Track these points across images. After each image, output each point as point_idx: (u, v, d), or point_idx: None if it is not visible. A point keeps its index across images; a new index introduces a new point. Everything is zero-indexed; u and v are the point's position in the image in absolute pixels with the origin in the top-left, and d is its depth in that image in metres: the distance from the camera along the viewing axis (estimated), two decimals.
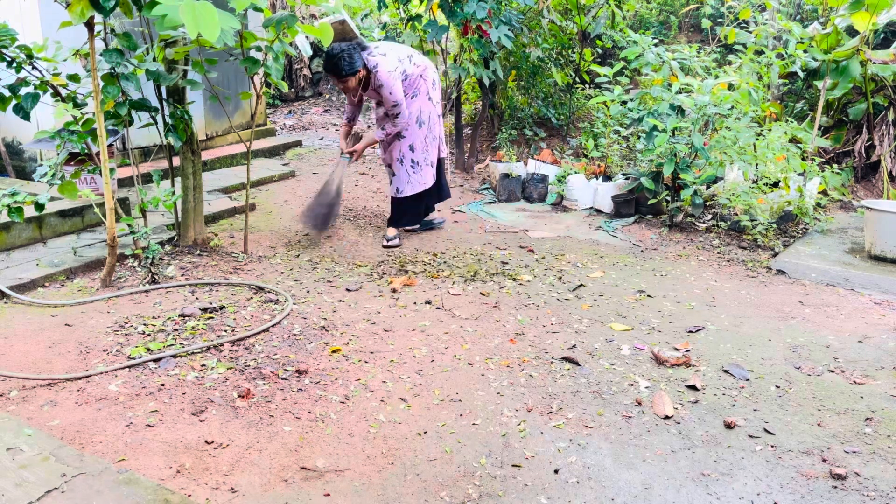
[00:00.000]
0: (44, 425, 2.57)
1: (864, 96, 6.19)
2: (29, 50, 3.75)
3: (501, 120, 7.93)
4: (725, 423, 2.71)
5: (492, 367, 3.13)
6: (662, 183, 5.49)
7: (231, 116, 7.30)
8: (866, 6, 5.68)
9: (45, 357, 3.11)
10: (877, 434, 2.66)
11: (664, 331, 3.57)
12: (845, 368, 3.18)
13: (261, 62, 4.05)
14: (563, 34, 7.57)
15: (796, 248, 4.79)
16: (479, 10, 5.72)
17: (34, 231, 4.43)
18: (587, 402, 2.86)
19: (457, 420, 2.71)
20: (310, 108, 10.56)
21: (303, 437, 2.57)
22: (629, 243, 5.08)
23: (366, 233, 5.16)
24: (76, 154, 4.45)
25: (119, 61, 3.66)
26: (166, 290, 3.92)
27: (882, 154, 6.09)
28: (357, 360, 3.16)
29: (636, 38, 5.86)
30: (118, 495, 2.07)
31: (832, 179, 5.81)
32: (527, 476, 2.39)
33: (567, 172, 6.07)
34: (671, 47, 6.60)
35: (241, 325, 3.51)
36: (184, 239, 4.53)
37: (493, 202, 6.19)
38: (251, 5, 3.63)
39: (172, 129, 4.13)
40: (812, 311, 3.87)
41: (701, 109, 5.10)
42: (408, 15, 6.56)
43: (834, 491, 2.33)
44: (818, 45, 6.25)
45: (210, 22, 2.80)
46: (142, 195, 4.14)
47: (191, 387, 2.89)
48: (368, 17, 11.02)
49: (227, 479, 2.32)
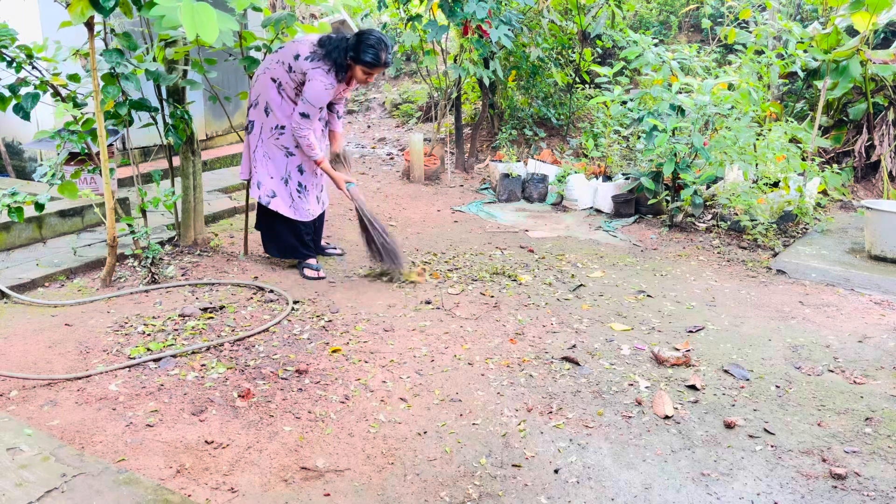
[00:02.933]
0: (44, 425, 2.57)
1: (864, 96, 6.19)
2: (29, 50, 3.75)
3: (501, 120, 7.93)
4: (725, 423, 2.71)
5: (492, 367, 3.13)
6: (662, 183, 5.49)
7: (231, 116, 7.29)
8: (866, 6, 5.68)
9: (45, 357, 3.11)
10: (877, 434, 2.66)
11: (664, 331, 3.56)
12: (845, 368, 3.18)
13: (260, 62, 4.05)
14: (563, 34, 7.57)
15: (796, 248, 4.78)
16: (479, 10, 5.72)
17: (34, 231, 4.42)
18: (587, 402, 2.86)
19: (457, 420, 2.71)
20: None
21: (303, 437, 2.57)
22: (629, 243, 5.08)
23: None
24: (76, 154, 4.45)
25: (119, 61, 3.66)
26: (166, 289, 3.92)
27: (882, 154, 6.09)
28: (357, 360, 3.16)
29: (636, 38, 5.86)
30: (118, 495, 2.07)
31: (832, 179, 5.81)
32: (527, 476, 2.39)
33: (567, 172, 6.07)
34: (671, 47, 6.61)
35: (241, 324, 3.51)
36: (184, 239, 4.53)
37: (493, 202, 6.19)
38: (250, 5, 3.64)
39: (172, 129, 4.13)
40: (812, 311, 3.87)
41: (701, 109, 5.10)
42: (408, 15, 6.57)
43: (834, 491, 2.33)
44: (818, 45, 6.25)
45: (208, 23, 2.81)
46: (142, 195, 4.14)
47: (191, 387, 2.89)
48: (368, 17, 11.01)
49: (227, 479, 2.32)
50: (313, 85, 3.82)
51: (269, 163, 4.10)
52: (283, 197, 4.12)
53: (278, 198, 4.12)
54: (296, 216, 4.16)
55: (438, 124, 7.27)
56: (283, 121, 4.00)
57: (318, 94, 3.84)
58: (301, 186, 4.14)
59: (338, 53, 3.81)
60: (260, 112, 4.04)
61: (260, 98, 4.02)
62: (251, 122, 4.11)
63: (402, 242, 4.92)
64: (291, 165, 4.10)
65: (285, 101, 3.96)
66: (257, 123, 4.07)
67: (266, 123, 4.04)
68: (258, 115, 4.06)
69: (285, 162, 4.09)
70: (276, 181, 4.11)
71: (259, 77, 4.02)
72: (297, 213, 4.16)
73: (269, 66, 3.98)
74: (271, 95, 3.96)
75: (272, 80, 3.95)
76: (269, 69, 3.97)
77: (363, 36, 3.82)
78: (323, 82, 3.82)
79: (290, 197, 4.13)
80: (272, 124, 4.02)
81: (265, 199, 4.12)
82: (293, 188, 4.13)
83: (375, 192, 6.31)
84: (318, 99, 3.85)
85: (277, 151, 4.08)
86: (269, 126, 4.03)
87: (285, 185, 4.12)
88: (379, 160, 7.68)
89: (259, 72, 4.04)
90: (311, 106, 3.87)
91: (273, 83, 3.95)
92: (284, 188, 4.12)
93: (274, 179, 4.11)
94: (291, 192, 4.13)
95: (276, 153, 4.08)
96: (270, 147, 4.08)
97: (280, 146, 4.06)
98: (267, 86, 3.97)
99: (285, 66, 3.91)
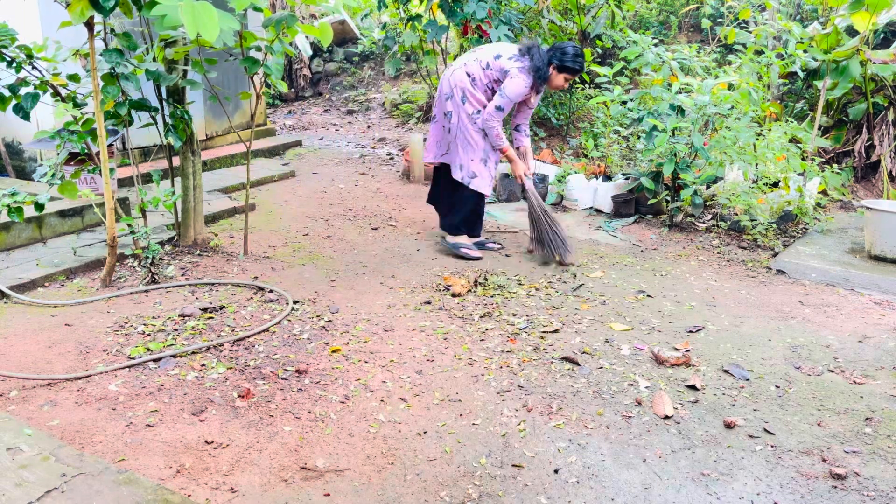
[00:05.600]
0: (44, 425, 2.57)
1: (864, 96, 6.19)
2: (29, 50, 3.75)
3: None
4: (725, 423, 2.71)
5: (492, 367, 3.13)
6: (662, 183, 5.49)
7: (231, 116, 7.30)
8: (866, 6, 5.68)
9: (45, 357, 3.11)
10: (877, 434, 2.66)
11: (664, 331, 3.57)
12: (845, 368, 3.18)
13: (260, 62, 4.05)
14: (563, 34, 7.57)
15: (796, 248, 4.78)
16: (479, 10, 5.72)
17: (34, 231, 4.42)
18: (587, 402, 2.86)
19: (457, 420, 2.71)
20: (310, 108, 10.56)
21: (303, 437, 2.57)
22: (629, 243, 5.08)
23: (365, 232, 5.16)
24: (76, 154, 4.45)
25: (119, 61, 3.66)
26: (166, 289, 3.92)
27: (882, 154, 6.09)
28: (357, 360, 3.16)
29: (636, 38, 5.86)
30: (118, 495, 2.07)
31: (832, 179, 5.81)
32: (527, 476, 2.39)
33: (567, 172, 6.07)
34: (671, 47, 6.60)
35: (241, 324, 3.51)
36: (184, 239, 4.53)
37: (493, 202, 6.19)
38: (251, 5, 3.64)
39: (172, 129, 4.13)
40: (812, 311, 3.87)
41: (701, 109, 5.10)
42: (408, 15, 6.57)
43: (834, 491, 2.33)
44: (818, 45, 6.24)
45: (209, 22, 2.81)
46: (142, 195, 4.14)
47: (191, 387, 2.89)
48: (368, 17, 11.02)
49: (227, 479, 2.32)
50: (515, 81, 4.32)
51: (468, 146, 4.52)
52: (482, 176, 4.56)
53: (478, 178, 4.55)
54: (487, 190, 4.61)
55: None
56: (478, 107, 4.46)
57: (517, 90, 4.33)
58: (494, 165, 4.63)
59: (540, 60, 4.33)
60: (457, 102, 4.48)
61: (455, 89, 4.48)
62: (448, 112, 4.54)
63: (402, 243, 4.93)
64: (488, 145, 4.54)
65: (478, 93, 4.45)
66: (454, 113, 4.51)
67: (462, 111, 4.48)
68: (455, 106, 4.50)
69: (483, 143, 4.52)
70: (477, 162, 4.53)
71: (455, 70, 4.51)
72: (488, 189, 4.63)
73: (466, 62, 4.50)
74: (468, 87, 4.45)
75: (467, 74, 4.45)
76: (466, 64, 4.49)
77: (563, 47, 4.39)
78: (524, 81, 4.33)
79: (489, 175, 4.58)
80: (469, 111, 4.47)
81: (466, 180, 4.55)
82: (491, 167, 4.58)
83: (375, 192, 6.31)
84: (516, 94, 4.35)
85: (476, 134, 4.50)
86: (466, 113, 4.47)
87: (485, 165, 4.54)
88: (379, 160, 7.68)
89: (456, 66, 4.54)
90: (507, 100, 4.36)
91: (469, 77, 4.44)
92: (484, 167, 4.55)
93: (475, 161, 4.53)
94: (490, 171, 4.58)
95: (476, 136, 4.50)
96: (469, 131, 4.50)
97: (478, 129, 4.49)
98: (463, 79, 4.45)
99: (482, 63, 4.43)
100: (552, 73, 4.40)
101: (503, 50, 4.44)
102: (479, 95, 4.44)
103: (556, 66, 4.36)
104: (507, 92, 4.33)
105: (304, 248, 4.77)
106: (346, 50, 11.22)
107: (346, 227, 5.30)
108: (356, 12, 10.86)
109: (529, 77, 4.34)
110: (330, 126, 9.55)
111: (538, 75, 4.35)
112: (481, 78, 4.43)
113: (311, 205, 5.84)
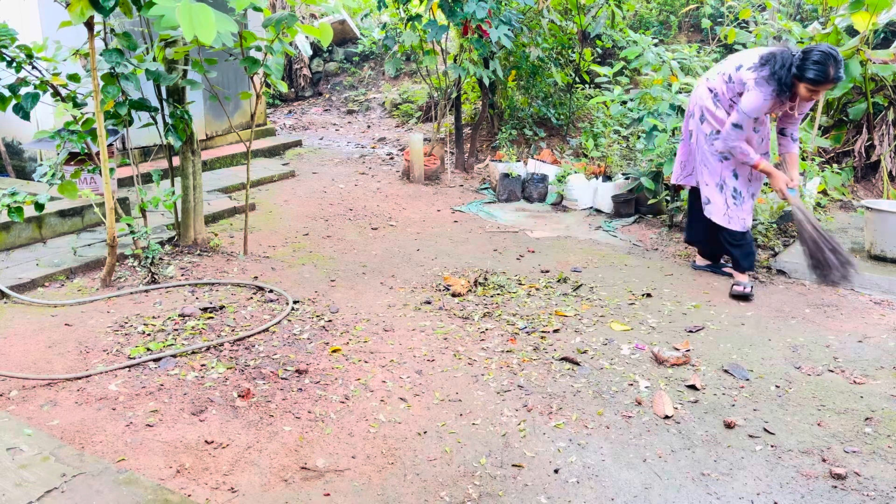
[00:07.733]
0: (44, 425, 2.57)
1: (864, 96, 6.19)
2: (29, 50, 3.75)
3: (501, 120, 7.93)
4: (725, 423, 2.71)
5: (492, 367, 3.13)
6: (662, 183, 5.49)
7: (231, 116, 7.30)
8: (866, 6, 5.67)
9: (45, 357, 3.11)
10: (877, 434, 2.66)
11: (664, 331, 3.56)
12: (845, 368, 3.18)
13: (260, 62, 4.06)
14: (563, 34, 7.57)
15: (796, 248, 4.78)
16: (479, 10, 5.72)
17: (34, 231, 4.43)
18: (587, 402, 2.86)
19: (457, 420, 2.71)
20: (310, 108, 10.56)
21: (303, 436, 2.57)
22: (629, 243, 5.08)
23: (365, 232, 5.16)
24: (76, 154, 4.45)
25: (119, 61, 3.66)
26: (166, 289, 3.92)
27: (882, 154, 6.09)
28: (357, 360, 3.16)
29: (636, 38, 5.85)
30: (118, 495, 2.07)
31: (832, 179, 5.80)
32: (527, 476, 2.39)
33: (567, 172, 6.07)
34: (671, 47, 6.60)
35: (241, 324, 3.51)
36: (184, 239, 4.53)
37: (493, 202, 6.19)
38: (251, 5, 3.64)
39: (172, 129, 4.13)
40: (812, 310, 3.87)
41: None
42: (408, 15, 6.57)
43: (834, 491, 2.33)
44: None
45: (206, 24, 2.81)
46: (142, 195, 4.15)
47: (191, 386, 2.89)
48: (368, 17, 11.02)
49: (227, 479, 2.32)
50: (751, 95, 3.78)
51: (704, 169, 4.18)
52: (717, 204, 4.14)
53: (712, 204, 4.15)
54: (729, 225, 4.10)
55: (438, 124, 7.27)
56: (717, 127, 4.03)
57: (754, 105, 3.77)
58: (736, 192, 4.08)
59: (781, 68, 3.70)
60: (696, 121, 4.15)
61: (695, 107, 4.14)
62: (691, 132, 4.23)
63: (402, 243, 4.93)
64: (726, 170, 4.09)
65: (719, 110, 4.00)
66: (694, 133, 4.19)
67: (700, 131, 4.12)
68: (694, 124, 4.17)
69: (720, 168, 4.09)
70: (711, 188, 4.15)
71: (698, 87, 4.15)
72: (731, 223, 4.10)
73: (709, 77, 4.09)
74: (706, 104, 4.04)
75: (709, 90, 4.04)
76: (708, 79, 4.08)
77: (808, 52, 3.65)
78: (761, 93, 3.74)
79: (724, 204, 4.11)
80: (706, 131, 4.08)
81: (704, 206, 4.21)
82: (728, 195, 4.10)
83: (375, 192, 6.31)
84: (753, 109, 3.79)
85: (711, 157, 4.11)
86: (703, 133, 4.10)
87: (720, 192, 4.12)
88: (379, 160, 7.69)
89: (700, 82, 4.17)
90: (745, 116, 3.82)
91: (710, 93, 4.03)
92: (719, 194, 4.12)
93: (709, 186, 4.16)
94: (726, 199, 4.10)
95: (711, 159, 4.11)
96: (705, 154, 4.14)
97: (714, 152, 4.08)
98: (704, 95, 4.07)
99: (725, 76, 3.95)
100: (795, 83, 3.70)
101: (745, 59, 3.88)
102: (718, 114, 3.98)
103: (795, 75, 3.66)
104: (742, 107, 3.80)
105: (304, 247, 4.77)
106: (346, 50, 11.23)
107: (346, 226, 5.30)
108: (356, 12, 10.87)
109: (769, 86, 3.72)
110: (330, 126, 9.55)
111: (780, 84, 3.71)
112: (724, 92, 3.95)
113: (311, 205, 5.84)
